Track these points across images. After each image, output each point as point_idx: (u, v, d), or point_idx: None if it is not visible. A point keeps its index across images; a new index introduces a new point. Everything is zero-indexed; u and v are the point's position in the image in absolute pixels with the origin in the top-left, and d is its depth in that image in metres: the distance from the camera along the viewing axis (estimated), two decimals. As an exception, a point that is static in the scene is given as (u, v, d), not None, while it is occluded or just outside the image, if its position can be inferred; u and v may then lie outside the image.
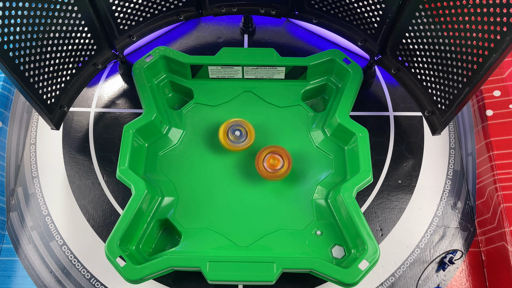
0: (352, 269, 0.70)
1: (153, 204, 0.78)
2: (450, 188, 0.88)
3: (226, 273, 0.70)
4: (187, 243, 0.76)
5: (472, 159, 0.88)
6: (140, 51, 1.01)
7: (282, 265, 0.71)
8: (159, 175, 0.82)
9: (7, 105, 0.90)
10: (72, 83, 0.83)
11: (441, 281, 0.81)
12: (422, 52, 0.76)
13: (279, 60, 0.87)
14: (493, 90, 0.86)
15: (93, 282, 0.81)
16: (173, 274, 0.80)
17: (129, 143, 0.79)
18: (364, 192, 0.87)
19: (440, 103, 0.77)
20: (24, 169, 0.90)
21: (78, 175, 0.89)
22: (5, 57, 0.65)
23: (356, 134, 0.80)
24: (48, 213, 0.86)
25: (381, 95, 0.96)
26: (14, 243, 0.84)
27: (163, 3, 0.87)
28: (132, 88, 0.97)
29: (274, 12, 0.92)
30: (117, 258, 0.70)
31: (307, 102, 0.92)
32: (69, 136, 0.92)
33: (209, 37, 1.03)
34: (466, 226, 0.85)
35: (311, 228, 0.78)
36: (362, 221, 0.73)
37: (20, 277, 0.81)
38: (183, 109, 0.88)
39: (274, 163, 0.79)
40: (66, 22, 0.74)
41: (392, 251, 0.83)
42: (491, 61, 0.63)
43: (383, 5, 0.76)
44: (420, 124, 0.93)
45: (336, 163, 0.83)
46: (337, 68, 0.87)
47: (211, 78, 0.90)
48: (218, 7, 0.92)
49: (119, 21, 0.83)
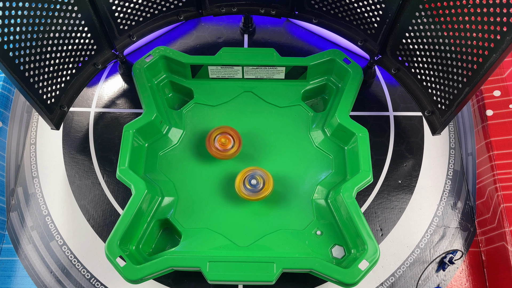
0: (352, 269, 0.70)
1: (153, 204, 0.78)
2: (450, 188, 0.88)
3: (226, 273, 0.70)
4: (187, 243, 0.76)
5: (472, 159, 0.88)
6: (140, 51, 1.01)
7: (282, 265, 0.71)
8: (159, 175, 0.82)
9: (7, 105, 0.90)
10: (72, 83, 0.83)
11: (441, 281, 0.81)
12: (422, 52, 0.76)
13: (279, 60, 0.87)
14: (493, 90, 0.86)
15: (93, 282, 0.81)
16: (173, 274, 0.80)
17: (129, 143, 0.79)
18: (364, 192, 0.87)
19: (440, 103, 0.77)
20: (24, 169, 0.90)
21: (78, 175, 0.89)
22: (5, 57, 0.65)
23: (356, 134, 0.81)
24: (48, 213, 0.86)
25: (381, 95, 0.96)
26: (14, 243, 0.84)
27: (163, 3, 0.87)
28: (132, 88, 0.97)
29: (274, 12, 0.92)
30: (117, 258, 0.70)
31: (307, 102, 0.92)
32: (69, 136, 0.92)
33: (209, 37, 1.03)
34: (466, 226, 0.85)
35: (311, 228, 0.78)
36: (362, 221, 0.73)
37: (20, 277, 0.81)
38: (183, 109, 0.88)
39: (225, 143, 0.81)
40: (66, 22, 0.74)
41: (392, 251, 0.83)
42: (491, 61, 0.63)
43: (383, 5, 0.76)
44: (420, 124, 0.93)
45: (336, 163, 0.83)
46: (337, 68, 0.87)
47: (211, 78, 0.90)
48: (218, 7, 0.92)
49: (119, 21, 0.83)
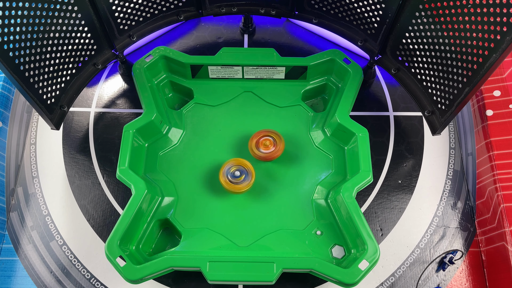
0: (352, 269, 0.70)
1: (153, 204, 0.78)
2: (450, 188, 0.88)
3: (226, 273, 0.70)
4: (187, 243, 0.76)
5: (472, 159, 0.88)
6: (140, 51, 1.01)
7: (282, 265, 0.71)
8: (159, 175, 0.82)
9: (7, 105, 0.90)
10: (72, 83, 0.83)
11: (441, 281, 0.81)
12: (422, 52, 0.76)
13: (279, 60, 0.87)
14: (493, 90, 0.86)
15: (93, 282, 0.81)
16: (173, 274, 0.80)
17: (129, 143, 0.79)
18: (364, 192, 0.87)
19: (440, 103, 0.77)
20: (24, 169, 0.89)
21: (78, 175, 0.89)
22: (5, 57, 0.65)
23: (356, 134, 0.80)
24: (48, 213, 0.86)
25: (381, 95, 0.96)
26: (14, 243, 0.84)
27: (163, 3, 0.87)
28: (132, 88, 0.97)
29: (274, 12, 0.92)
30: (117, 258, 0.70)
31: (307, 102, 0.92)
32: (69, 136, 0.92)
33: (209, 37, 1.03)
34: (466, 226, 0.85)
35: (311, 228, 0.78)
36: (362, 221, 0.73)
37: (20, 277, 0.81)
38: (183, 109, 0.88)
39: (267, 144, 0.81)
40: (66, 22, 0.74)
41: (392, 251, 0.83)
42: (491, 61, 0.63)
43: (383, 5, 0.76)
44: (420, 124, 0.93)
45: (336, 163, 0.83)
46: (337, 68, 0.87)
47: (211, 78, 0.90)
48: (218, 7, 0.92)
49: (119, 21, 0.83)
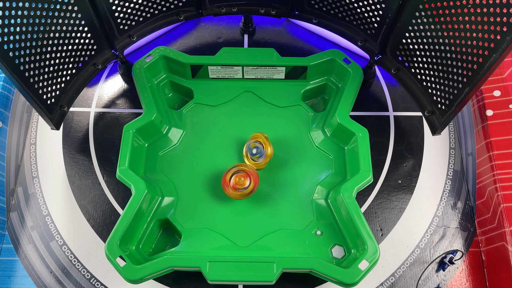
0: (352, 269, 0.70)
1: (153, 204, 0.78)
2: (450, 188, 0.88)
3: (226, 273, 0.70)
4: (187, 243, 0.76)
5: (472, 159, 0.88)
6: (140, 51, 1.01)
7: (282, 265, 0.71)
8: (159, 175, 0.82)
9: (7, 105, 0.90)
10: (72, 83, 0.83)
11: (441, 281, 0.81)
12: (422, 52, 0.76)
13: (279, 60, 0.87)
14: (493, 90, 0.86)
15: (93, 282, 0.81)
16: (173, 274, 0.80)
17: (129, 143, 0.79)
18: (364, 192, 0.87)
19: (440, 103, 0.77)
20: (24, 169, 0.89)
21: (78, 175, 0.89)
22: (5, 57, 0.65)
23: (356, 134, 0.80)
24: (48, 213, 0.86)
25: (381, 95, 0.96)
26: (14, 243, 0.84)
27: (163, 3, 0.87)
28: (132, 88, 0.97)
29: (274, 12, 0.92)
30: (117, 258, 0.70)
31: (307, 102, 0.92)
32: (69, 136, 0.92)
33: (209, 37, 1.03)
34: (466, 226, 0.85)
35: (311, 228, 0.78)
36: (362, 221, 0.73)
37: (20, 277, 0.81)
38: (183, 109, 0.88)
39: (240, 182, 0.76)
40: (66, 22, 0.74)
41: (392, 251, 0.83)
42: (491, 61, 0.63)
43: (383, 5, 0.76)
44: (420, 124, 0.93)
45: (336, 163, 0.83)
46: (337, 68, 0.87)
47: (211, 78, 0.90)
48: (218, 7, 0.92)
49: (119, 21, 0.83)
